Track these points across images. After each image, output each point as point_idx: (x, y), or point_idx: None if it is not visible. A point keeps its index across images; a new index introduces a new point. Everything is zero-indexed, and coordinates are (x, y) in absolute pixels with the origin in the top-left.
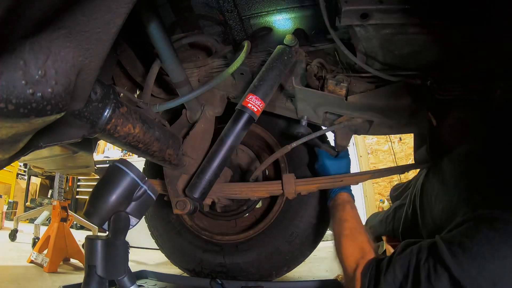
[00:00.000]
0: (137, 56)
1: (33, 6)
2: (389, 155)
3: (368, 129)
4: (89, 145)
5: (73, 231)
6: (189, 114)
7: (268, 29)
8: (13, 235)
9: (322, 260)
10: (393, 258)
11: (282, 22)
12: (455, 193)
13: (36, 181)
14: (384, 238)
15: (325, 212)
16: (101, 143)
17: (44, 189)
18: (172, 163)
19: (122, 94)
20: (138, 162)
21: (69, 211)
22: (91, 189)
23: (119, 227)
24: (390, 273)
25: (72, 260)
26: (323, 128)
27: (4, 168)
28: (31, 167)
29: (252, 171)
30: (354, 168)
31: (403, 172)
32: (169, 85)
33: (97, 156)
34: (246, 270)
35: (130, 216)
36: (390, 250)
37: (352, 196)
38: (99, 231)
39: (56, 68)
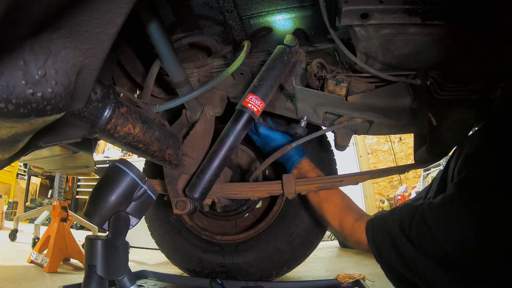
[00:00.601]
0: (137, 56)
1: (33, 6)
2: (389, 155)
3: (368, 129)
4: (89, 145)
5: (73, 231)
6: (189, 114)
7: (268, 29)
8: (13, 235)
9: (322, 260)
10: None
11: (282, 22)
12: None
13: (36, 181)
14: None
15: None
16: (101, 143)
17: (44, 189)
18: (172, 163)
19: (122, 94)
20: (138, 162)
21: (69, 211)
22: (91, 189)
23: (119, 227)
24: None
25: (72, 260)
26: (323, 128)
27: (4, 168)
28: (31, 167)
29: (252, 171)
30: (354, 168)
31: (403, 172)
32: (169, 85)
33: (97, 156)
34: (246, 270)
35: (130, 216)
36: None
37: (309, 157)
38: (99, 231)
39: (56, 68)
